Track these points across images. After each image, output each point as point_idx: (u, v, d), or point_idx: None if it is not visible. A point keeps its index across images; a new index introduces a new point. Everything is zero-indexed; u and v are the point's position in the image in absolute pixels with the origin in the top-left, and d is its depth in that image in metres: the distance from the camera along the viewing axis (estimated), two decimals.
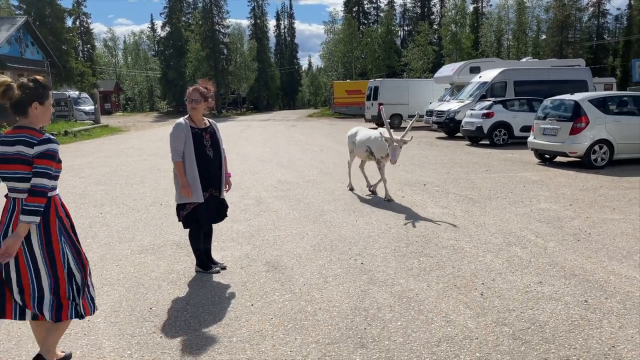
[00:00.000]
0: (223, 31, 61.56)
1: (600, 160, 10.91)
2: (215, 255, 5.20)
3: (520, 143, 15.15)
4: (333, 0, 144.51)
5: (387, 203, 7.83)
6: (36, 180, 2.72)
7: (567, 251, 5.22)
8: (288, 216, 7.11)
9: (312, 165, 12.53)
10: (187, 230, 4.84)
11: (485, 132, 16.09)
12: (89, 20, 66.22)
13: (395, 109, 27.07)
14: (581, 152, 10.89)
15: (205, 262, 4.88)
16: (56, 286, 2.89)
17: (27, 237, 2.79)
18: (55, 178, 2.89)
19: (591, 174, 10.11)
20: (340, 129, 27.99)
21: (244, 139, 21.71)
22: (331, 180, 10.08)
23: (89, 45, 65.64)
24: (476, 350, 3.24)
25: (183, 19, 62.78)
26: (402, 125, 27.23)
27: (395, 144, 7.57)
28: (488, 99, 17.46)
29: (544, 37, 57.72)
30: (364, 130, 8.73)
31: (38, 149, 2.75)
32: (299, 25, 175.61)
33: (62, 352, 3.25)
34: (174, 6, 61.19)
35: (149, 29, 78.82)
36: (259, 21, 75.39)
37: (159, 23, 72.29)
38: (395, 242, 5.69)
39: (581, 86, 17.86)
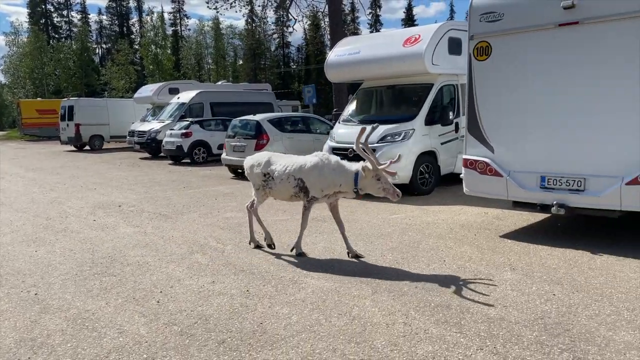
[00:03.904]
0: None
1: None
2: None
3: (219, 160, 16.23)
4: (15, 9, 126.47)
5: (78, 229, 7.44)
6: None
7: (241, 251, 5.96)
8: None
9: None
10: None
11: (186, 150, 16.70)
12: None
13: (95, 130, 25.61)
14: None
15: None
16: None
17: None
18: None
19: None
20: (31, 152, 24.94)
21: None
22: (11, 210, 8.99)
23: None
24: (144, 352, 3.48)
25: None
26: (103, 147, 25.95)
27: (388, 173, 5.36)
28: (187, 119, 18.16)
29: (241, 62, 62.87)
30: (282, 157, 5.95)
31: None
32: None
33: None
34: None
35: None
36: None
37: None
38: (78, 267, 5.51)
39: (268, 108, 20.19)
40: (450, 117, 9.78)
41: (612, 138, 5.49)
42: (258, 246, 6.10)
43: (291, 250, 5.77)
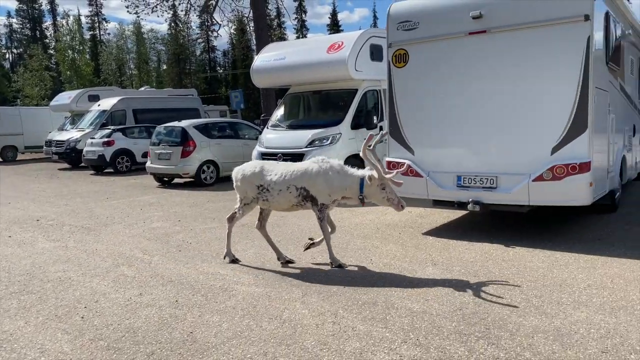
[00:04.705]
0: None
1: (209, 178, 12.48)
2: None
3: (143, 169, 15.75)
4: None
5: None
6: None
7: (169, 261, 5.87)
8: None
9: None
10: None
11: (108, 160, 16.10)
12: None
13: (7, 140, 24.05)
14: (192, 173, 12.22)
15: None
16: None
17: None
18: None
19: (202, 192, 11.45)
20: None
21: None
22: None
23: None
24: None
25: None
26: (17, 159, 24.43)
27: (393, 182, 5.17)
28: (108, 127, 17.49)
29: (165, 67, 61.12)
30: (277, 166, 5.57)
31: None
32: None
33: None
34: None
35: None
36: None
37: None
38: None
39: (195, 114, 19.84)
40: (375, 121, 10.12)
41: (520, 138, 5.95)
42: (234, 261, 5.70)
43: (331, 266, 5.39)
